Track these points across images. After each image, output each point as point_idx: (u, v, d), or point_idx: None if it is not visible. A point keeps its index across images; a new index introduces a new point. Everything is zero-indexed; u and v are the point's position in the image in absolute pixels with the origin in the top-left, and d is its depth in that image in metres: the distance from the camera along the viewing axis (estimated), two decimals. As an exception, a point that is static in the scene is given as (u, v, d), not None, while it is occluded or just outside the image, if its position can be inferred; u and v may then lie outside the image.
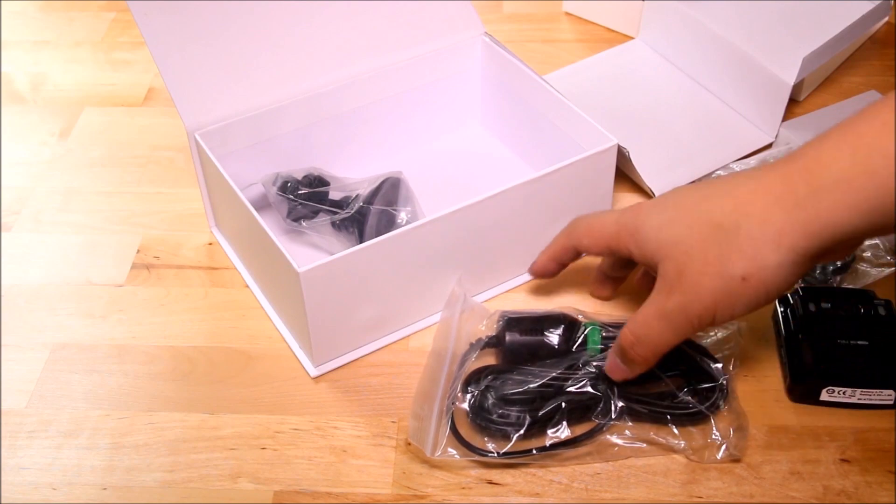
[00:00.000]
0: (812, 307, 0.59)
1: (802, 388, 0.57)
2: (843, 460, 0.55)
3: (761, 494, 0.54)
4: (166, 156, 0.79)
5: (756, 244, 0.49)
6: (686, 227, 0.52)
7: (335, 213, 0.66)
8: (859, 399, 0.56)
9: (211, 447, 0.57)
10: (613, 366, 0.56)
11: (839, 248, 0.51)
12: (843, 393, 0.56)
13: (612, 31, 0.91)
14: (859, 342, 0.57)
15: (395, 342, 0.63)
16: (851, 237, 0.48)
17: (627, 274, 0.65)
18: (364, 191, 0.66)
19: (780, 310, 0.61)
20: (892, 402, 0.56)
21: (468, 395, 0.56)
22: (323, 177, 0.68)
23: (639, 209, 0.56)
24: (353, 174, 0.69)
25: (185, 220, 0.73)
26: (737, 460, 0.55)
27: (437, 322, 0.62)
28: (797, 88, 0.81)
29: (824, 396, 0.57)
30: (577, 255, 0.62)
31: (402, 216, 0.65)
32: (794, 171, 0.49)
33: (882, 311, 0.58)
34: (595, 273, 0.65)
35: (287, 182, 0.66)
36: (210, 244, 0.71)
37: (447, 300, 0.62)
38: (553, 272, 0.64)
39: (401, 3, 0.71)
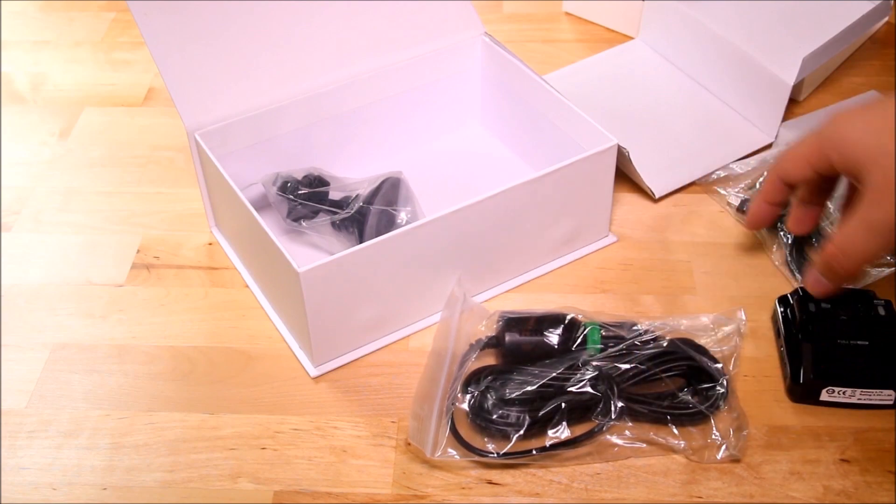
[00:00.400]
0: (812, 307, 0.59)
1: (802, 389, 0.57)
2: (843, 460, 0.55)
3: (761, 494, 0.54)
4: (166, 156, 0.79)
5: None
6: None
7: (335, 213, 0.66)
8: (859, 399, 0.56)
9: (211, 447, 0.57)
10: (815, 281, 0.57)
11: None
12: (843, 393, 0.56)
13: (612, 31, 0.91)
14: (859, 342, 0.57)
15: (395, 342, 0.63)
16: None
17: (826, 200, 0.63)
18: (364, 191, 0.66)
19: (780, 310, 0.61)
20: (892, 402, 0.56)
21: (468, 396, 0.56)
22: (323, 177, 0.68)
23: (839, 120, 0.55)
24: (353, 174, 0.69)
25: (185, 220, 0.73)
26: (737, 460, 0.55)
27: (437, 322, 0.62)
28: (797, 88, 0.81)
29: (824, 396, 0.57)
30: (787, 188, 0.61)
31: (402, 216, 0.65)
32: None
33: (882, 311, 0.58)
34: (793, 207, 0.63)
35: (287, 182, 0.66)
36: (210, 244, 0.71)
37: (447, 300, 0.62)
38: (770, 217, 0.63)
39: (401, 3, 0.71)
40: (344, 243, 0.66)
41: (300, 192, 0.66)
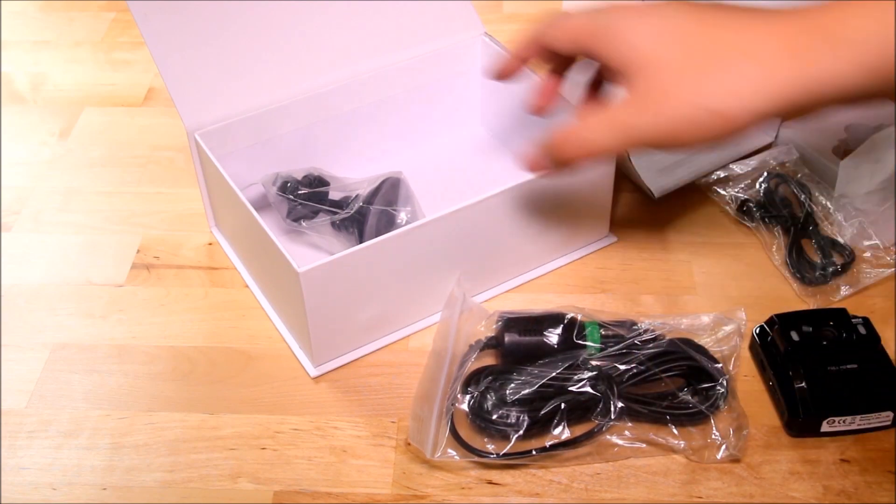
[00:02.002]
0: (794, 336, 0.57)
1: (802, 423, 0.56)
2: (843, 460, 0.55)
3: (761, 494, 0.54)
4: (166, 156, 0.79)
5: (748, 85, 0.47)
6: (672, 44, 0.49)
7: (335, 213, 0.66)
8: (859, 425, 0.55)
9: (211, 447, 0.57)
10: (533, 160, 0.55)
11: (820, 109, 0.48)
12: (843, 421, 0.55)
13: (612, 31, 0.91)
14: (848, 367, 0.56)
15: (395, 342, 0.63)
16: (844, 98, 0.47)
17: (566, 73, 0.60)
18: (364, 191, 0.66)
19: (759, 342, 0.60)
20: (890, 423, 0.56)
21: (468, 396, 0.56)
22: (323, 177, 0.68)
23: (620, 11, 0.52)
24: (353, 174, 0.69)
25: (185, 220, 0.73)
26: (737, 460, 0.55)
27: (437, 322, 0.62)
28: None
29: (825, 428, 0.55)
30: (542, 52, 0.58)
31: (402, 216, 0.65)
32: (814, 25, 0.46)
33: (862, 330, 0.57)
34: (540, 79, 0.61)
35: (287, 182, 0.66)
36: (210, 244, 0.71)
37: (446, 301, 0.62)
38: (514, 71, 0.60)
39: (401, 3, 0.71)
40: (344, 243, 0.66)
41: (300, 192, 0.66)
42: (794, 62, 0.46)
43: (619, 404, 0.55)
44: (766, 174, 0.71)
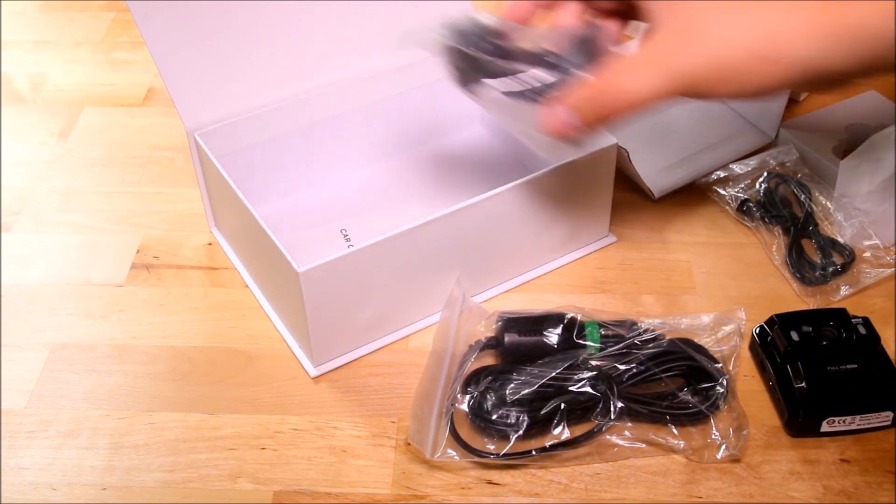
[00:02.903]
0: (795, 336, 0.57)
1: (802, 423, 0.56)
2: (843, 460, 0.55)
3: (761, 494, 0.54)
4: (166, 156, 0.79)
5: (794, 29, 0.43)
6: None
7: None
8: (859, 425, 0.55)
9: (211, 447, 0.57)
10: (559, 119, 0.47)
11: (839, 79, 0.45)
12: (843, 421, 0.55)
13: (612, 31, 0.91)
14: (848, 367, 0.56)
15: (395, 342, 0.63)
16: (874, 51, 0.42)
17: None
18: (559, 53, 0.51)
19: (759, 342, 0.60)
20: (890, 423, 0.56)
21: (467, 397, 0.56)
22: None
23: None
24: (352, 174, 0.69)
25: (185, 220, 0.73)
26: (736, 460, 0.55)
27: (437, 322, 0.62)
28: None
29: (825, 427, 0.56)
30: None
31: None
32: None
33: (862, 330, 0.57)
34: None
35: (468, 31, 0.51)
36: (210, 244, 0.71)
37: (446, 300, 0.62)
38: (528, 16, 0.53)
39: (401, 4, 0.71)
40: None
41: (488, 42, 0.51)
42: (834, 9, 0.42)
43: (619, 404, 0.55)
44: (766, 174, 0.71)
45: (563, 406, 0.55)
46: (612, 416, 0.55)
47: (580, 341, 0.58)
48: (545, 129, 0.47)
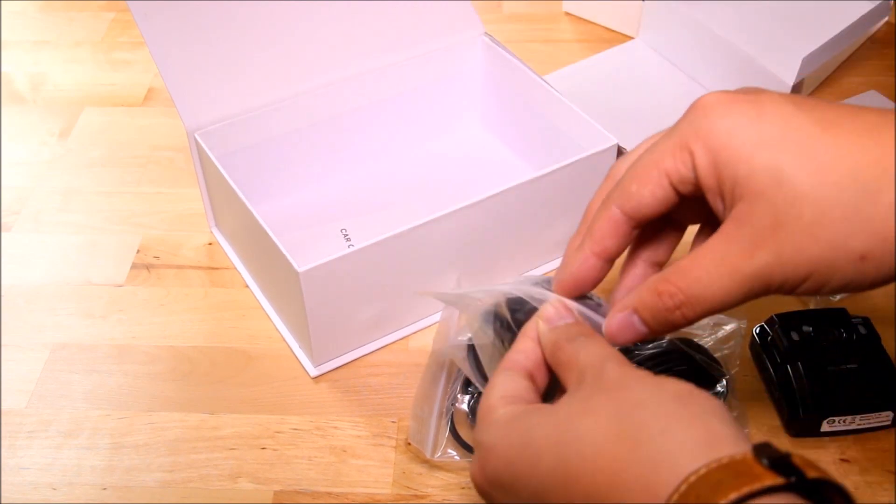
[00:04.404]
0: (795, 335, 0.57)
1: (802, 423, 0.56)
2: (843, 460, 0.55)
3: (761, 494, 0.53)
4: (166, 156, 0.79)
5: (893, 214, 0.36)
6: (802, 161, 0.37)
7: None
8: (858, 424, 0.55)
9: (211, 447, 0.57)
10: (624, 325, 0.41)
11: None
12: (843, 421, 0.55)
13: (612, 31, 0.91)
14: (848, 366, 0.56)
15: (395, 342, 0.63)
16: None
17: (687, 220, 0.45)
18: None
19: (758, 342, 0.59)
20: (889, 423, 0.56)
21: (468, 397, 0.56)
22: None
23: (711, 108, 0.39)
24: (352, 174, 0.69)
25: (185, 220, 0.73)
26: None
27: (437, 322, 0.62)
28: (797, 88, 0.81)
29: (825, 427, 0.55)
30: (629, 227, 0.42)
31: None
32: None
33: (863, 330, 0.57)
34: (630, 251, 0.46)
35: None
36: (210, 244, 0.71)
37: (447, 300, 0.62)
38: (599, 277, 0.44)
39: (400, 3, 0.71)
40: None
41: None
42: None
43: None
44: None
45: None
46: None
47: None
48: (611, 335, 0.42)
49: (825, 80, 0.84)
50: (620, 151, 0.66)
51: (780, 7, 0.78)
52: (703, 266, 0.39)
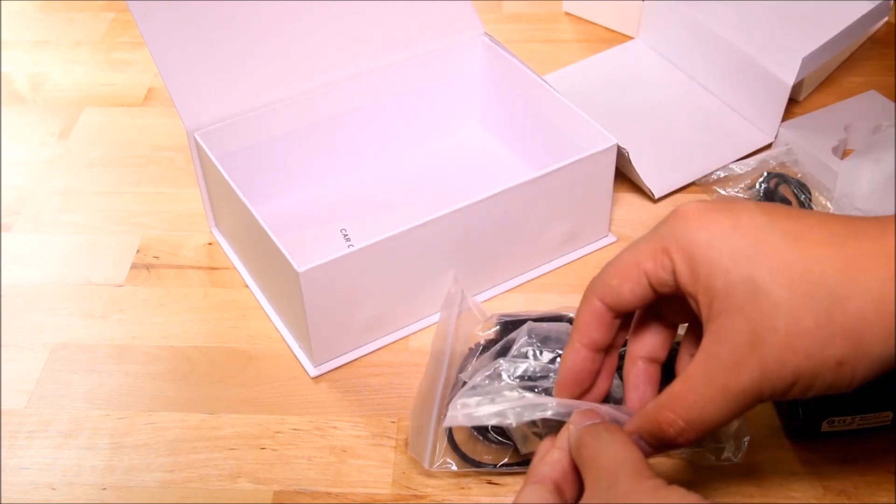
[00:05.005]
0: None
1: (802, 424, 0.55)
2: (843, 460, 0.55)
3: (761, 495, 0.54)
4: (166, 156, 0.79)
5: (865, 325, 0.38)
6: (774, 274, 0.39)
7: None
8: (858, 425, 0.55)
9: (211, 447, 0.57)
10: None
11: None
12: (844, 421, 0.55)
13: (612, 31, 0.91)
14: None
15: (395, 342, 0.63)
16: None
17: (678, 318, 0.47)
18: None
19: None
20: (889, 423, 0.55)
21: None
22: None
23: (691, 218, 0.42)
24: (352, 174, 0.69)
25: (185, 220, 0.73)
26: (737, 461, 0.55)
27: (437, 322, 0.62)
28: (797, 88, 0.81)
29: (825, 428, 0.55)
30: (612, 317, 0.46)
31: None
32: None
33: None
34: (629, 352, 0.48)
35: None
36: (210, 244, 0.71)
37: (444, 300, 0.62)
38: (594, 369, 0.47)
39: (400, 3, 0.71)
40: None
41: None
42: None
43: (619, 404, 0.55)
44: (766, 174, 0.71)
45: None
46: (612, 417, 0.55)
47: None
48: None
49: (825, 80, 0.84)
50: (620, 151, 0.66)
51: (780, 7, 0.78)
52: (696, 389, 0.41)
